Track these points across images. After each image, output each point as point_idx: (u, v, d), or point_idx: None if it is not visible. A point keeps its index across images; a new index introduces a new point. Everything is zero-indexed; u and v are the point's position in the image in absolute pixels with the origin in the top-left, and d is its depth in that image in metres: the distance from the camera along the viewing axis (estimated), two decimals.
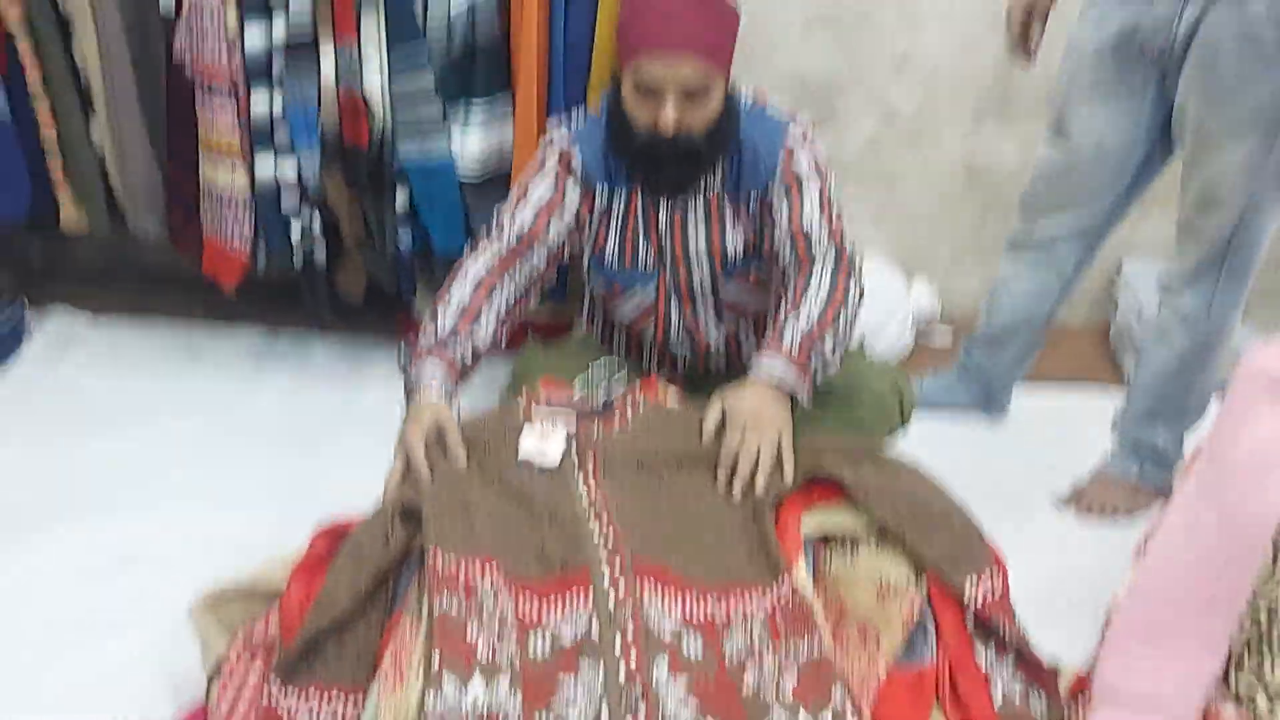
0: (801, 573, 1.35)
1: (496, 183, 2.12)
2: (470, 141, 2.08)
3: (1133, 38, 1.75)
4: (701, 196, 1.72)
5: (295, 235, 2.16)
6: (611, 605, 1.28)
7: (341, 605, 1.27)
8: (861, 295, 1.66)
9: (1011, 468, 2.06)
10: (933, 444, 2.09)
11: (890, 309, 2.46)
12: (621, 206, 1.74)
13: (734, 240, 1.74)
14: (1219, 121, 1.69)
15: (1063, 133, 1.90)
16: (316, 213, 2.15)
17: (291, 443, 2.08)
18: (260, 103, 2.04)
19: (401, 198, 2.13)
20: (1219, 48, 1.65)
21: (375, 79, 2.02)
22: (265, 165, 2.09)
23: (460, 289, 1.65)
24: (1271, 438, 1.30)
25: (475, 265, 1.67)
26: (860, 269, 1.68)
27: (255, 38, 2.00)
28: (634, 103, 1.59)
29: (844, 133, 2.56)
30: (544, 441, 1.52)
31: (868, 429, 1.78)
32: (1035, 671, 1.30)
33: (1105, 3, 1.80)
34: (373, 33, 1.99)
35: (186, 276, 2.39)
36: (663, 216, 1.73)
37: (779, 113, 1.72)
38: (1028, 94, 2.49)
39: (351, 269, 2.31)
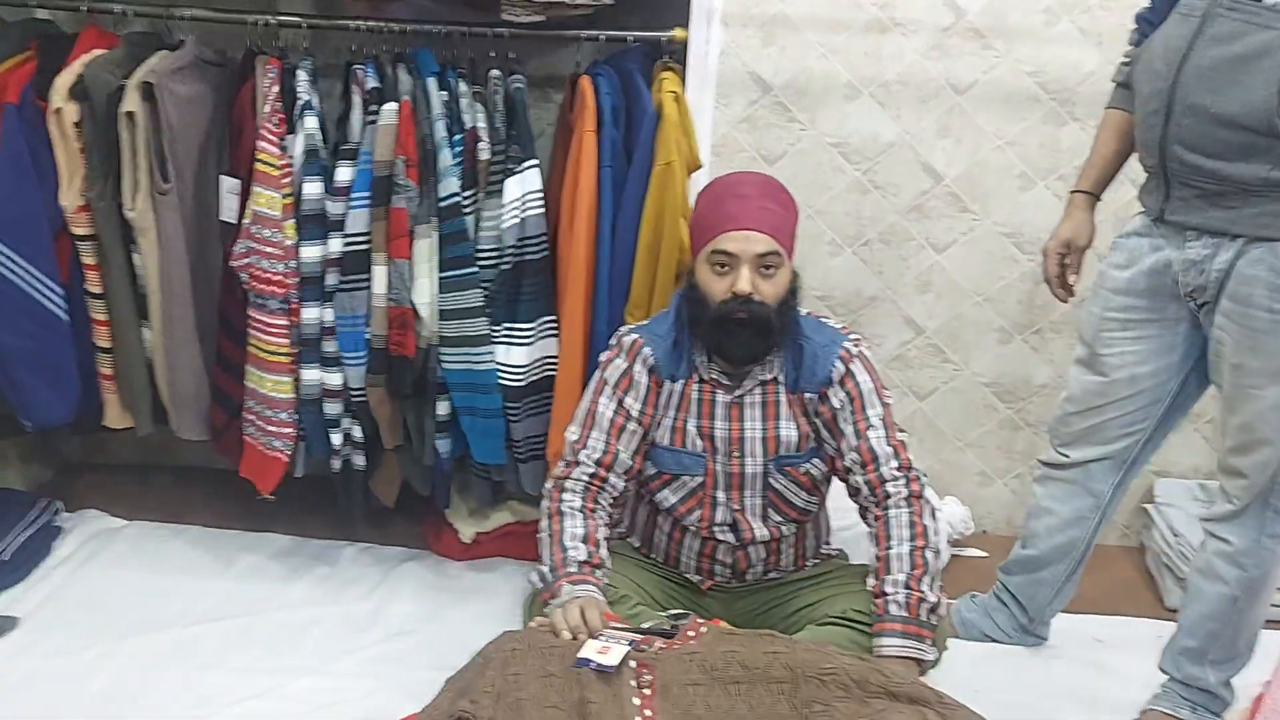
0: None
1: (540, 388, 2.16)
2: (515, 354, 2.13)
3: (1165, 273, 1.80)
4: (760, 387, 1.82)
5: (337, 441, 2.19)
6: None
7: None
8: (934, 514, 1.78)
9: (1053, 698, 2.00)
10: (973, 669, 2.05)
11: None
12: (679, 391, 1.84)
13: (788, 432, 1.83)
14: (1257, 362, 1.71)
15: (1094, 365, 1.93)
16: (357, 419, 2.18)
17: (317, 651, 2.05)
18: (312, 315, 2.11)
19: (443, 407, 2.16)
20: (1253, 292, 1.69)
21: (426, 292, 2.08)
22: (312, 374, 2.13)
23: (571, 521, 1.77)
24: None
25: (569, 498, 1.80)
26: (925, 488, 1.79)
27: (312, 252, 2.08)
28: (709, 281, 1.76)
29: (872, 348, 2.61)
30: (604, 655, 1.54)
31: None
32: None
33: (1136, 241, 1.86)
34: (425, 253, 2.07)
35: (222, 475, 2.40)
36: (720, 404, 1.82)
37: (834, 324, 1.89)
38: (1054, 314, 2.55)
39: (387, 472, 2.32)
